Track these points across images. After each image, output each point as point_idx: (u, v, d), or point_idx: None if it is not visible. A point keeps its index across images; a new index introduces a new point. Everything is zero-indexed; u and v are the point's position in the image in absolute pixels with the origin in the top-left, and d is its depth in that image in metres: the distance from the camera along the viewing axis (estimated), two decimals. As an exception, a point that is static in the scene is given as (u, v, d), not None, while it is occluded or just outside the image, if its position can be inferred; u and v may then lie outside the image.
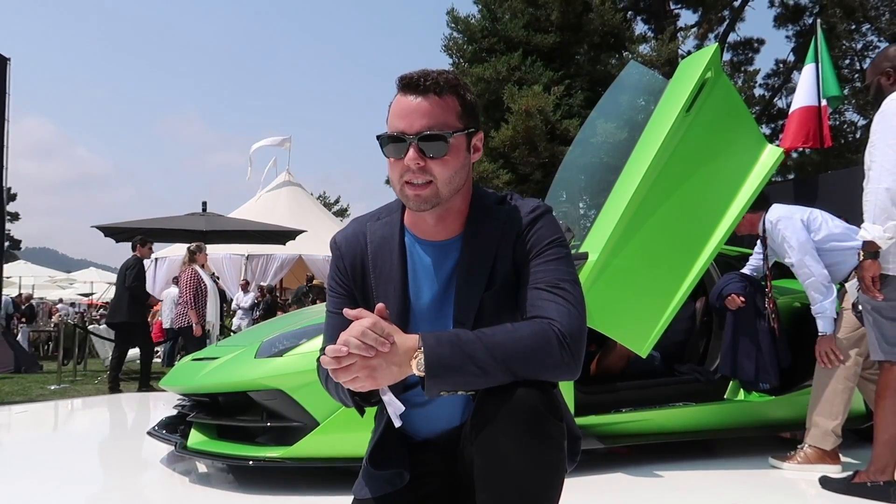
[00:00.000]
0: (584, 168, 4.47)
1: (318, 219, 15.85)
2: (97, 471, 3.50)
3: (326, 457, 2.93)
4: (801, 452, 3.35)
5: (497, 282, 1.38)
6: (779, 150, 3.35)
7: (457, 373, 1.19)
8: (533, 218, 1.40)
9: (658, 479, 3.22)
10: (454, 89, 1.37)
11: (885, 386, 2.79)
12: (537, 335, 1.24)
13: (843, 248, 3.42)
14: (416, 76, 1.35)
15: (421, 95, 1.34)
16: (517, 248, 1.38)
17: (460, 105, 1.37)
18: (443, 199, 1.36)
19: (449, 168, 1.35)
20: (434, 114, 1.33)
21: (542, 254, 1.36)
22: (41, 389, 7.14)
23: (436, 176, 1.34)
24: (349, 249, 1.48)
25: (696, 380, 3.81)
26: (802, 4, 20.67)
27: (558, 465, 1.24)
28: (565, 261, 1.37)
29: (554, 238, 1.38)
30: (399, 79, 1.37)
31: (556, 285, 1.32)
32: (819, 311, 3.37)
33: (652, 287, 3.21)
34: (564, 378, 1.27)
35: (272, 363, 3.03)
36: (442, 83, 1.35)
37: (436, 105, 1.34)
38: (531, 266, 1.36)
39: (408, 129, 1.33)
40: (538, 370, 1.23)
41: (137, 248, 7.74)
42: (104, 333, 9.96)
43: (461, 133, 1.36)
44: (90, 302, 20.04)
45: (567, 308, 1.29)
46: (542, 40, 16.37)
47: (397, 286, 1.41)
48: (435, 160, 1.33)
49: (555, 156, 14.39)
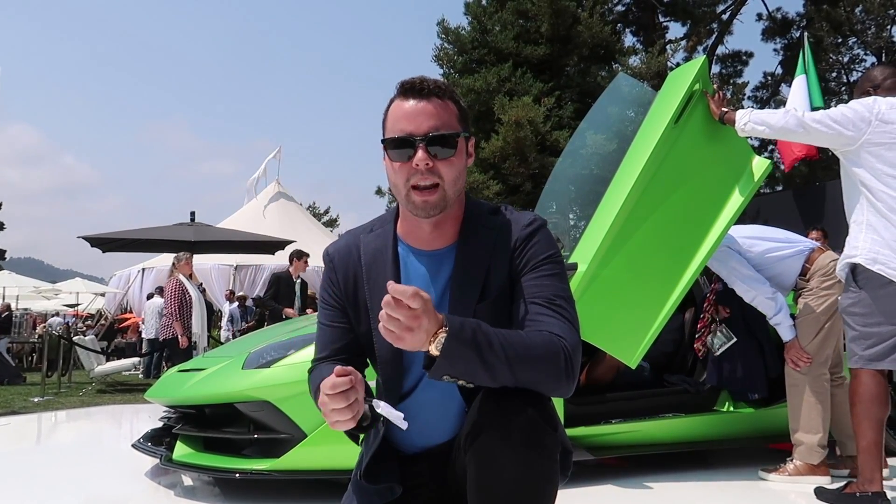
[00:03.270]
0: (573, 179, 4.48)
1: (307, 229, 15.81)
2: (81, 484, 3.45)
3: (314, 469, 2.90)
4: (791, 465, 3.35)
5: (491, 293, 1.38)
6: (766, 161, 3.37)
7: (468, 361, 1.17)
8: (530, 232, 1.40)
9: (648, 491, 3.21)
10: (451, 95, 1.41)
11: (853, 393, 2.84)
12: (548, 346, 1.24)
13: (780, 257, 3.49)
14: (418, 81, 1.38)
15: (425, 99, 1.36)
16: (513, 261, 1.38)
17: (457, 109, 1.41)
18: (449, 203, 1.38)
19: (455, 169, 1.37)
20: (440, 115, 1.36)
21: (538, 268, 1.37)
22: (24, 402, 7.06)
23: (443, 177, 1.35)
24: (342, 262, 1.48)
25: (686, 391, 3.81)
26: (790, 18, 20.96)
27: (552, 475, 1.25)
28: (560, 277, 1.38)
29: (550, 253, 1.39)
30: (400, 84, 1.39)
31: (553, 301, 1.33)
32: (776, 322, 3.43)
33: (641, 298, 3.21)
34: (560, 394, 1.27)
35: (259, 374, 3.00)
36: (442, 87, 1.39)
37: (440, 107, 1.37)
38: (527, 280, 1.36)
39: (416, 131, 1.34)
40: (540, 379, 1.23)
41: (294, 262, 7.58)
42: (90, 345, 9.87)
43: (462, 135, 1.39)
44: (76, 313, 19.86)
45: (567, 326, 1.30)
46: (532, 52, 16.48)
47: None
48: (443, 161, 1.35)
49: (545, 167, 14.45)
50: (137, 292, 14.58)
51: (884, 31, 19.67)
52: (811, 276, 3.44)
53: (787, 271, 3.51)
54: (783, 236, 3.61)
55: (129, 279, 15.35)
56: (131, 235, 9.81)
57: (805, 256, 3.48)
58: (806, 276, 3.47)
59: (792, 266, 3.49)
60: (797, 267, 3.49)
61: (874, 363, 2.78)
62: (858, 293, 2.83)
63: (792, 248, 3.51)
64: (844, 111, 2.86)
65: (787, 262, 3.49)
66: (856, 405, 2.81)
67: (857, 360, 2.83)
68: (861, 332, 2.82)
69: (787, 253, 3.49)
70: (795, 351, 3.38)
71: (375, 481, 1.40)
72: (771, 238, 3.56)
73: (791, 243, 3.54)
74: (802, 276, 3.48)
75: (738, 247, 3.48)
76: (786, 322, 3.41)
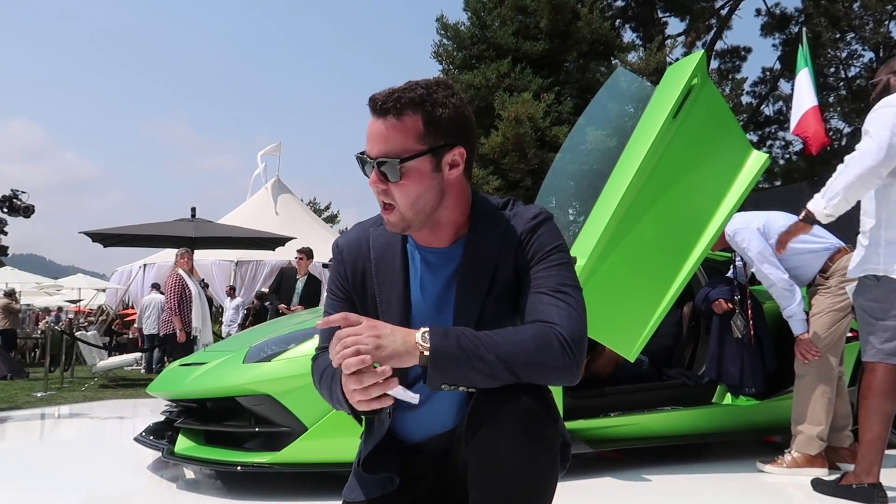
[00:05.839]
0: (572, 174, 4.49)
1: (307, 225, 15.81)
2: (84, 477, 3.47)
3: (315, 462, 2.92)
4: (788, 456, 3.37)
5: (497, 288, 1.38)
6: (765, 155, 3.38)
7: (459, 367, 1.20)
8: (534, 225, 1.40)
9: (646, 483, 3.23)
10: (419, 106, 1.30)
11: (867, 386, 2.82)
12: (538, 337, 1.24)
13: (802, 250, 3.47)
14: (379, 98, 1.31)
15: (381, 117, 1.32)
16: (518, 254, 1.38)
17: (424, 124, 1.31)
18: (411, 223, 1.36)
19: (409, 193, 1.33)
20: (389, 138, 1.31)
21: (543, 260, 1.37)
22: (27, 397, 7.08)
23: (396, 201, 1.33)
24: (350, 255, 1.49)
25: (684, 384, 3.83)
26: (789, 13, 20.94)
27: (552, 466, 1.25)
28: (567, 266, 1.38)
29: (556, 245, 1.39)
30: (368, 99, 1.35)
31: (558, 290, 1.32)
32: (789, 315, 3.43)
33: (640, 291, 3.22)
34: (566, 382, 1.27)
35: (261, 368, 3.02)
36: (404, 102, 1.29)
37: (391, 128, 1.30)
38: (533, 272, 1.36)
39: (369, 153, 1.34)
40: (540, 373, 1.23)
41: (300, 259, 7.66)
42: (92, 340, 9.89)
43: (422, 156, 1.32)
44: (78, 308, 19.87)
45: (568, 311, 1.29)
46: (531, 48, 16.47)
47: (400, 292, 1.42)
48: (395, 185, 1.33)
49: (544, 162, 14.46)
50: (139, 288, 14.58)
51: (882, 27, 19.66)
52: (832, 275, 3.43)
53: (808, 266, 3.48)
54: (812, 230, 3.59)
55: (130, 275, 15.35)
56: (132, 231, 9.82)
57: (829, 255, 3.46)
58: (826, 273, 3.45)
59: (814, 261, 3.46)
60: (819, 263, 3.46)
61: (893, 357, 2.76)
62: (877, 286, 2.80)
63: (819, 245, 3.48)
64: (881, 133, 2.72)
65: (810, 258, 3.47)
66: (868, 398, 2.79)
67: (875, 353, 2.80)
68: (880, 325, 2.79)
69: (812, 247, 3.46)
70: (805, 344, 3.38)
71: (375, 471, 1.42)
72: None
73: (819, 239, 3.50)
74: (823, 273, 3.46)
75: (766, 232, 3.47)
76: (799, 315, 3.40)
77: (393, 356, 1.20)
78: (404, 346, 1.20)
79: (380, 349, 1.19)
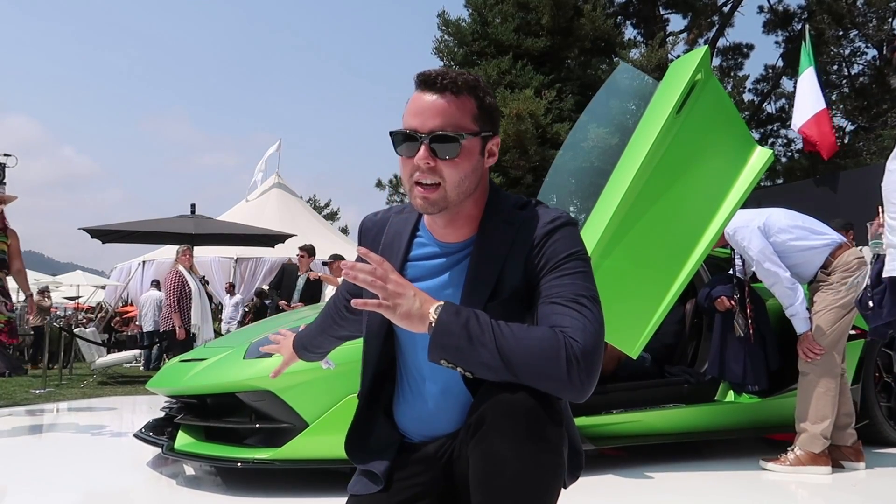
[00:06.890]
0: (573, 172, 4.47)
1: (307, 222, 15.81)
2: (83, 474, 3.45)
3: (315, 458, 2.90)
4: (792, 454, 3.36)
5: (504, 292, 1.33)
6: (768, 151, 3.35)
7: (460, 349, 1.18)
8: (550, 229, 1.33)
9: (649, 481, 3.21)
10: (473, 90, 1.33)
11: None
12: (544, 342, 1.18)
13: (804, 247, 3.46)
14: (434, 74, 1.32)
15: (437, 93, 1.31)
16: (529, 260, 1.32)
17: (477, 107, 1.33)
18: (451, 203, 1.33)
19: (459, 171, 1.31)
20: (448, 113, 1.30)
21: (558, 268, 1.30)
22: (26, 393, 7.07)
23: (445, 178, 1.31)
24: (368, 235, 1.52)
25: (687, 381, 3.82)
26: (792, 10, 20.88)
27: (555, 469, 1.22)
28: (583, 276, 1.30)
29: (572, 251, 1.31)
30: (417, 76, 1.34)
31: (575, 300, 1.25)
32: (792, 314, 3.42)
33: (642, 289, 3.20)
34: (568, 396, 1.21)
35: (261, 364, 3.00)
36: (460, 83, 1.31)
37: (451, 104, 1.30)
38: (546, 281, 1.29)
39: (420, 128, 1.30)
40: (538, 379, 1.18)
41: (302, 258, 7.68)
42: (90, 337, 9.88)
43: (475, 136, 1.33)
44: (77, 305, 19.85)
45: (583, 324, 1.22)
46: (532, 44, 16.43)
47: None
48: (445, 162, 1.30)
49: (545, 160, 14.43)
50: (138, 285, 14.58)
51: (885, 24, 19.61)
52: (833, 271, 3.41)
53: (809, 262, 3.47)
54: (812, 225, 3.55)
55: (129, 272, 15.35)
56: (132, 228, 9.80)
57: (830, 251, 3.45)
58: (828, 269, 3.43)
59: (815, 258, 3.45)
60: (820, 260, 3.45)
61: None
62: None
63: (820, 241, 3.46)
64: None
65: (811, 254, 3.45)
66: None
67: None
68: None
69: (813, 244, 3.45)
70: (808, 342, 3.37)
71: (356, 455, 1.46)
72: (801, 227, 3.52)
73: (820, 235, 3.49)
74: (824, 270, 3.45)
75: (767, 230, 3.46)
76: (802, 314, 3.39)
77: (404, 317, 1.20)
78: (418, 312, 1.20)
79: (396, 307, 1.20)
